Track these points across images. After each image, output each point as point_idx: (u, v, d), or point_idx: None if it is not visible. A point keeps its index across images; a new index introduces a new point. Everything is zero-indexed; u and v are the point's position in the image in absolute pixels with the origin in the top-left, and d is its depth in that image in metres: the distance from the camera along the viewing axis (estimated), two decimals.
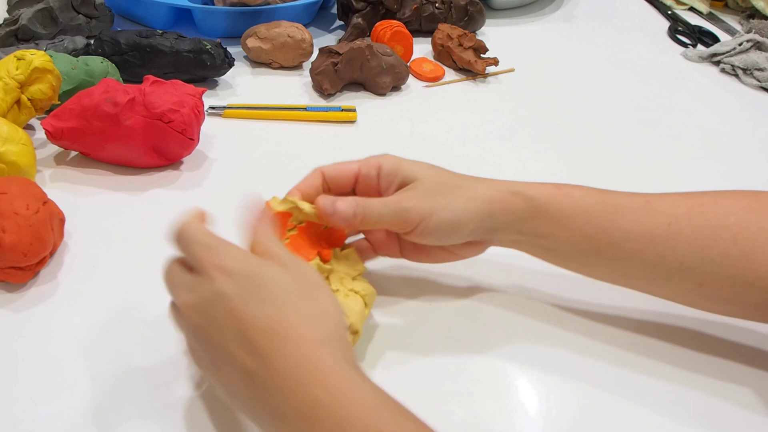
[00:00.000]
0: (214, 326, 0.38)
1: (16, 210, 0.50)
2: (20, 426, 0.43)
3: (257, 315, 0.38)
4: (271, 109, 0.76)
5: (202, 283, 0.39)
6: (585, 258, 0.50)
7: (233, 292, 0.38)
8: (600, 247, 0.48)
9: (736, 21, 1.11)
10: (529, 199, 0.48)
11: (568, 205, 0.48)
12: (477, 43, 0.87)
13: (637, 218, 0.48)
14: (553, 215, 0.48)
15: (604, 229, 0.48)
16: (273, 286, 0.39)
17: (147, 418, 0.45)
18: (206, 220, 0.44)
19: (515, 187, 0.49)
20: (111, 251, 0.57)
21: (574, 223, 0.48)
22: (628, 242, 0.47)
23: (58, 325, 0.50)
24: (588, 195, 0.49)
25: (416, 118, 0.79)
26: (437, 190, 0.48)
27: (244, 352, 0.37)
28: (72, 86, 0.68)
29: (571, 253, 0.50)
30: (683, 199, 0.48)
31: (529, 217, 0.49)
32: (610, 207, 0.48)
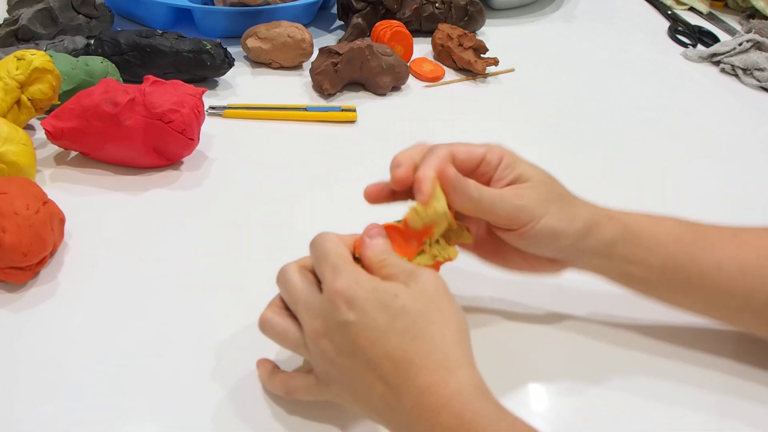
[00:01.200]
0: (345, 353, 0.40)
1: (16, 210, 0.50)
2: (20, 426, 0.43)
3: (383, 344, 0.39)
4: (271, 109, 0.76)
5: (327, 311, 0.40)
6: (673, 287, 0.49)
7: (359, 322, 0.39)
8: (690, 277, 0.48)
9: (736, 21, 1.11)
10: (624, 224, 0.48)
11: (660, 232, 0.48)
12: (477, 43, 0.87)
13: (726, 249, 0.48)
14: (646, 241, 0.48)
15: (695, 258, 0.48)
16: (396, 315, 0.39)
17: (147, 418, 0.45)
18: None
19: (611, 213, 0.49)
20: (111, 251, 0.57)
21: (666, 250, 0.48)
22: (718, 273, 0.47)
23: (58, 325, 0.50)
24: (679, 224, 0.49)
25: (416, 118, 0.79)
26: (550, 197, 0.47)
27: (375, 379, 0.39)
28: (72, 86, 0.68)
29: (659, 282, 0.49)
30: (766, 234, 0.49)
31: (622, 242, 0.48)
32: (701, 236, 0.48)
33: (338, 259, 0.41)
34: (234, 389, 0.47)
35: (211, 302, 0.53)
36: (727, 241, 0.48)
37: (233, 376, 0.48)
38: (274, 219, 0.62)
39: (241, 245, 0.59)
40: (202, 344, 0.50)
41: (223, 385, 0.47)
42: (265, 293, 0.54)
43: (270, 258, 0.57)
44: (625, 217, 0.49)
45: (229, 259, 0.57)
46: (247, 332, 0.51)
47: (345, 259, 0.41)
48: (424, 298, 0.40)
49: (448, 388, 0.38)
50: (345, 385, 0.41)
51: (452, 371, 0.38)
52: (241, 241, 0.59)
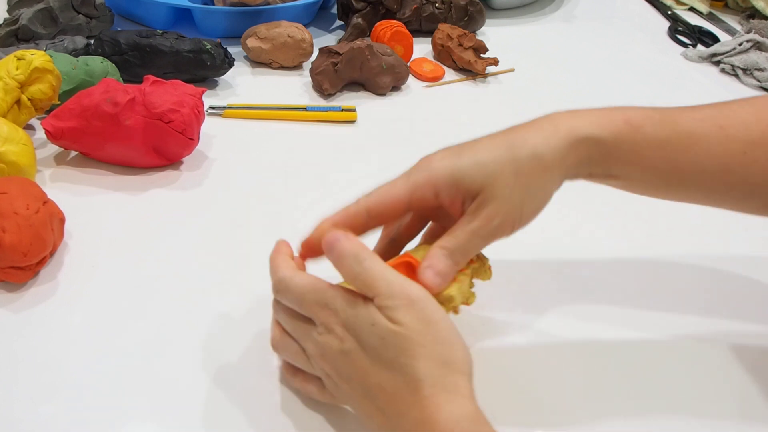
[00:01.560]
0: (344, 379, 0.40)
1: (16, 210, 0.50)
2: (20, 426, 0.43)
3: (375, 375, 0.39)
4: (271, 109, 0.76)
5: (327, 340, 0.40)
6: (654, 191, 0.48)
7: (354, 350, 0.39)
8: (671, 183, 0.46)
9: (736, 21, 1.11)
10: (598, 143, 0.44)
11: (640, 143, 0.44)
12: (477, 43, 0.87)
13: (711, 149, 0.45)
14: (625, 155, 0.45)
15: (676, 165, 0.45)
16: (382, 347, 0.38)
17: (147, 418, 0.45)
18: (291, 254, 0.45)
19: (580, 131, 0.44)
20: (111, 251, 0.57)
21: (646, 161, 0.45)
22: (701, 175, 0.46)
23: (58, 325, 0.50)
24: (660, 127, 0.45)
25: (416, 118, 0.79)
26: (516, 192, 0.42)
27: (374, 409, 0.39)
28: (72, 86, 0.68)
29: (640, 188, 0.48)
30: (755, 119, 0.46)
31: (599, 162, 0.45)
32: (684, 138, 0.45)
33: (316, 294, 0.41)
34: (234, 389, 0.47)
35: (211, 302, 0.53)
36: (713, 137, 0.45)
37: (233, 376, 0.48)
38: (274, 219, 0.62)
39: (241, 245, 0.59)
40: (202, 344, 0.50)
41: (223, 385, 0.47)
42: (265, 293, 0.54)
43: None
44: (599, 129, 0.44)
45: (229, 259, 0.57)
46: (247, 332, 0.51)
47: (323, 290, 0.41)
48: (404, 331, 0.38)
49: (437, 426, 0.37)
50: (350, 405, 0.42)
51: (440, 407, 0.37)
52: (241, 241, 0.59)
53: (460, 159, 0.43)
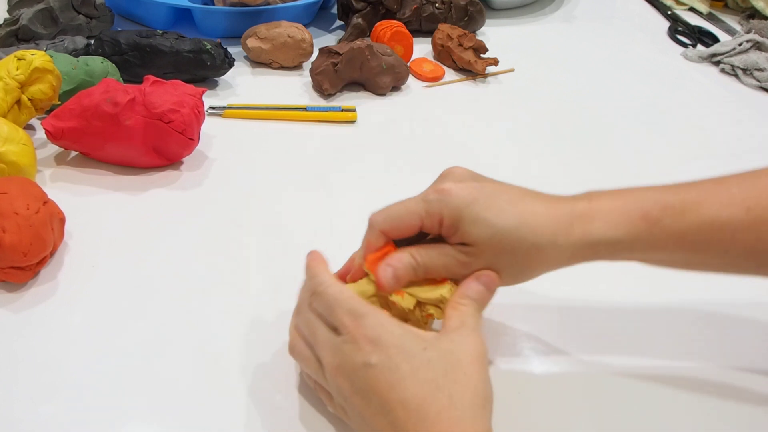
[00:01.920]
0: (360, 394, 0.39)
1: (17, 210, 0.50)
2: (20, 426, 0.43)
3: (401, 391, 0.38)
4: (271, 109, 0.76)
5: (351, 351, 0.40)
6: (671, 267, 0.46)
7: (381, 365, 0.39)
8: (691, 264, 0.46)
9: (735, 21, 1.11)
10: (611, 245, 0.43)
11: (659, 239, 0.43)
12: (477, 43, 0.87)
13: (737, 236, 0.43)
14: (640, 250, 0.44)
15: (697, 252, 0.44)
16: (420, 365, 0.38)
17: (147, 418, 0.45)
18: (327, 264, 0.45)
19: (594, 235, 0.43)
20: (111, 251, 0.57)
21: (663, 252, 0.44)
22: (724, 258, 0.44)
23: (58, 325, 0.50)
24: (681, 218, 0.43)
25: (416, 118, 0.79)
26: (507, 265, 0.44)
27: (386, 424, 0.38)
28: (72, 86, 0.68)
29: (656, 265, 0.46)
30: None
31: (611, 255, 0.44)
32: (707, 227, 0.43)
33: (354, 303, 0.41)
34: (234, 389, 0.47)
35: (211, 302, 0.53)
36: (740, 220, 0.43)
37: (233, 375, 0.48)
38: (274, 219, 0.62)
39: (241, 245, 0.59)
40: (202, 344, 0.50)
41: (223, 385, 0.47)
42: (265, 293, 0.54)
43: (270, 258, 0.58)
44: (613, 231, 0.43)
45: (229, 259, 0.57)
46: (247, 332, 0.51)
47: (361, 302, 0.41)
48: (452, 358, 0.39)
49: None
50: (356, 422, 0.41)
51: (464, 425, 0.37)
52: (241, 240, 0.59)
53: (472, 206, 0.43)
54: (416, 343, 0.39)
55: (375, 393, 0.39)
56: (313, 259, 0.45)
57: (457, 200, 0.43)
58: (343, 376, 0.40)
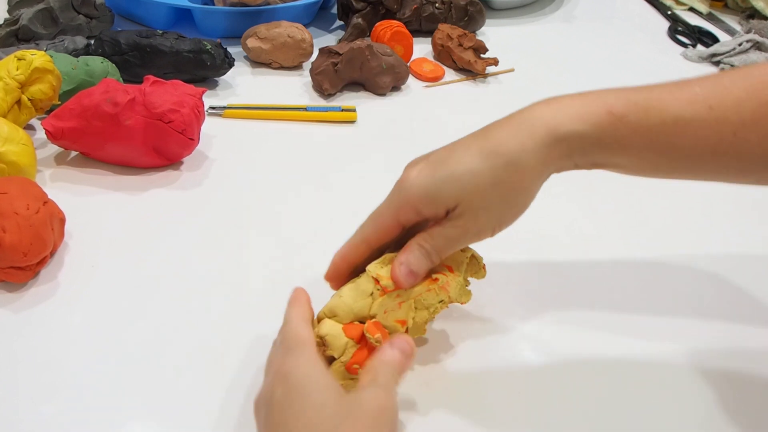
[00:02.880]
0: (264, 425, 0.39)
1: (17, 210, 0.50)
2: (20, 426, 0.43)
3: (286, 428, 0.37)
4: (271, 109, 0.76)
5: (268, 382, 0.40)
6: (641, 173, 0.46)
7: (281, 400, 0.38)
8: (659, 167, 0.45)
9: (735, 21, 1.11)
10: (581, 137, 0.43)
11: (624, 132, 0.43)
12: (477, 43, 0.87)
13: (700, 132, 0.43)
14: (608, 146, 0.43)
15: (663, 150, 0.44)
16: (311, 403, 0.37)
17: (147, 418, 0.45)
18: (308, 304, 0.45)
19: (559, 128, 0.43)
20: (111, 251, 0.57)
21: (631, 149, 0.44)
22: (689, 159, 0.44)
23: (58, 325, 0.50)
24: (645, 114, 0.43)
25: (416, 118, 0.79)
26: (495, 201, 0.43)
27: None
28: (72, 86, 0.68)
29: (627, 172, 0.46)
30: (747, 96, 0.43)
31: (582, 154, 0.44)
32: (671, 124, 0.43)
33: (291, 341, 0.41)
34: (234, 389, 0.47)
35: (211, 302, 0.53)
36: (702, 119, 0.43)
37: (233, 375, 0.48)
38: (273, 219, 0.62)
39: (241, 245, 0.59)
40: (202, 344, 0.50)
41: (223, 385, 0.47)
42: (265, 293, 0.54)
43: (270, 258, 0.58)
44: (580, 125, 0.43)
45: (229, 259, 0.57)
46: (247, 332, 0.51)
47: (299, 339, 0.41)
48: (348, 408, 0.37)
49: None
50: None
51: None
52: (240, 241, 0.59)
53: (434, 174, 0.43)
54: (320, 387, 0.38)
55: (270, 427, 0.38)
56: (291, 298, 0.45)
57: (418, 179, 0.43)
58: (256, 407, 0.41)
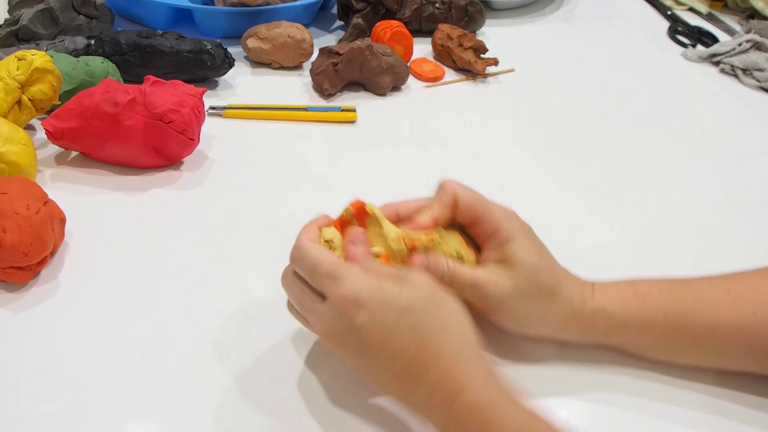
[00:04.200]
0: (357, 353, 0.41)
1: (17, 210, 0.50)
2: (20, 426, 0.43)
3: (395, 342, 0.39)
4: (271, 109, 0.76)
5: (336, 317, 0.40)
6: (666, 354, 0.49)
7: (368, 324, 0.39)
8: (684, 345, 0.48)
9: (735, 21, 1.11)
10: (610, 317, 0.47)
11: (648, 313, 0.47)
12: (477, 43, 0.87)
13: (720, 311, 0.46)
14: (633, 326, 0.47)
15: (687, 328, 0.47)
16: (402, 312, 0.39)
17: (147, 417, 0.45)
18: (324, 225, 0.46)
19: (597, 301, 0.47)
20: (111, 251, 0.57)
21: (655, 328, 0.47)
22: (712, 337, 0.47)
23: (58, 325, 0.50)
24: (668, 294, 0.47)
25: (416, 118, 0.79)
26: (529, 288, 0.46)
27: (390, 376, 0.40)
28: (72, 86, 0.68)
29: (650, 352, 0.49)
30: (763, 281, 0.47)
31: (607, 333, 0.48)
32: (691, 303, 0.47)
33: (331, 266, 0.41)
34: (234, 389, 0.47)
35: (211, 302, 0.53)
36: (721, 300, 0.47)
37: (233, 375, 0.48)
38: (273, 219, 0.62)
39: (241, 245, 0.59)
40: (202, 344, 0.50)
41: (223, 385, 0.47)
42: (265, 293, 0.54)
43: (270, 258, 0.57)
44: (610, 304, 0.47)
45: (229, 259, 0.57)
46: (246, 332, 0.51)
47: (336, 263, 0.41)
48: (422, 296, 0.40)
49: (457, 382, 0.39)
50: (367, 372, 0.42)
51: (460, 364, 0.39)
52: (241, 241, 0.59)
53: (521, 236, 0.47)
54: (392, 289, 0.40)
55: (371, 350, 0.40)
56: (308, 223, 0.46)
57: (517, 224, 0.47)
58: (335, 341, 0.41)
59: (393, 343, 0.39)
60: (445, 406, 0.39)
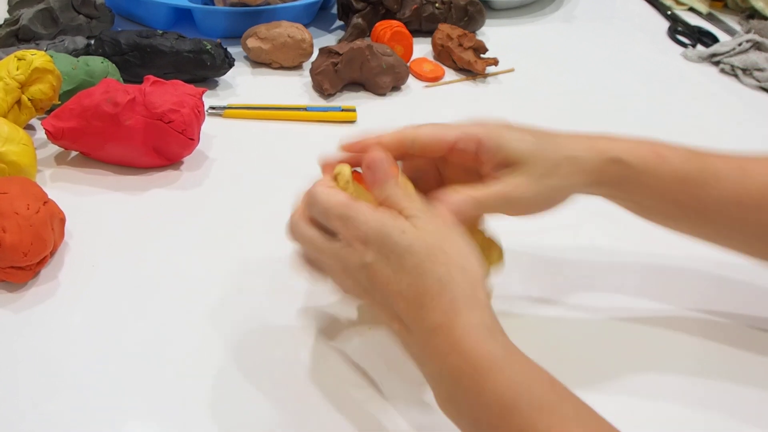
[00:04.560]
0: (366, 291, 0.42)
1: (17, 210, 0.51)
2: (20, 426, 0.43)
3: (396, 283, 0.39)
4: (271, 109, 0.76)
5: (347, 254, 0.41)
6: (672, 220, 0.51)
7: (374, 262, 0.40)
8: (689, 214, 0.49)
9: (735, 21, 1.11)
10: (628, 167, 0.47)
11: (665, 173, 0.48)
12: (477, 43, 0.87)
13: (730, 186, 0.48)
14: (648, 182, 0.48)
15: (697, 197, 0.48)
16: (404, 252, 0.40)
17: (147, 417, 0.45)
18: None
19: (614, 152, 0.47)
20: (111, 251, 0.57)
21: (669, 191, 0.48)
22: (717, 210, 0.48)
23: (58, 324, 0.50)
24: (687, 161, 0.48)
25: (416, 118, 0.78)
26: (545, 173, 0.46)
27: (392, 316, 0.41)
28: (72, 86, 0.68)
29: (659, 214, 0.50)
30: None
31: (626, 184, 0.48)
32: (707, 174, 0.48)
33: (341, 208, 0.41)
34: (234, 389, 0.47)
35: (211, 302, 0.53)
36: (733, 173, 0.48)
37: (233, 375, 0.48)
38: (274, 219, 0.62)
39: (241, 245, 0.59)
40: (202, 344, 0.50)
41: (223, 385, 0.47)
42: (265, 293, 0.54)
43: (270, 258, 0.58)
44: (629, 154, 0.47)
45: (230, 259, 0.57)
46: (247, 332, 0.51)
47: (347, 205, 0.42)
48: (429, 237, 0.40)
49: (455, 331, 0.38)
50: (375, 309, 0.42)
51: (460, 312, 0.38)
52: (241, 241, 0.59)
53: (509, 131, 0.47)
54: (396, 229, 0.40)
55: (377, 288, 0.40)
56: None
57: (495, 123, 0.47)
58: (350, 278, 0.42)
59: (394, 284, 0.40)
60: (439, 357, 0.38)
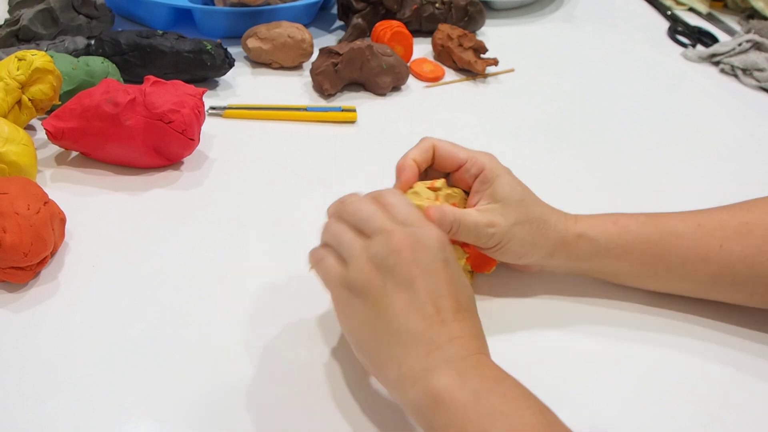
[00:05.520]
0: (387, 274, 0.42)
1: (17, 210, 0.51)
2: (21, 425, 0.43)
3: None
4: (271, 110, 0.76)
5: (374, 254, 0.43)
6: (641, 280, 0.55)
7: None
8: (658, 273, 0.53)
9: (735, 21, 1.11)
10: (592, 241, 0.52)
11: (627, 241, 0.52)
12: (477, 44, 0.87)
13: (691, 243, 0.52)
14: (613, 252, 0.52)
15: (661, 258, 0.52)
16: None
17: (147, 417, 0.45)
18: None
19: (580, 228, 0.52)
20: (111, 251, 0.57)
21: (632, 256, 0.52)
22: (683, 267, 0.52)
23: (58, 325, 0.50)
24: (645, 226, 0.53)
25: (416, 118, 0.79)
26: (520, 219, 0.50)
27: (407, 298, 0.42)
28: (73, 86, 0.68)
29: (627, 279, 0.55)
30: (730, 217, 0.52)
31: (590, 258, 0.53)
32: (666, 236, 0.52)
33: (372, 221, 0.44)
34: (234, 389, 0.47)
35: (211, 302, 0.53)
36: (692, 233, 0.52)
37: (233, 375, 0.48)
38: (274, 219, 0.62)
39: (241, 245, 0.59)
40: (202, 344, 0.50)
41: (223, 385, 0.47)
42: (265, 293, 0.54)
43: (270, 258, 0.58)
44: (592, 230, 0.52)
45: (230, 259, 0.57)
46: (247, 332, 0.51)
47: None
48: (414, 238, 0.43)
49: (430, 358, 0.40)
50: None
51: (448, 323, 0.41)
52: (241, 241, 0.59)
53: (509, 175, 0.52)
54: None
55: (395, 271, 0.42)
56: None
57: (500, 165, 0.52)
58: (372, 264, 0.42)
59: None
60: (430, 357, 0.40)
